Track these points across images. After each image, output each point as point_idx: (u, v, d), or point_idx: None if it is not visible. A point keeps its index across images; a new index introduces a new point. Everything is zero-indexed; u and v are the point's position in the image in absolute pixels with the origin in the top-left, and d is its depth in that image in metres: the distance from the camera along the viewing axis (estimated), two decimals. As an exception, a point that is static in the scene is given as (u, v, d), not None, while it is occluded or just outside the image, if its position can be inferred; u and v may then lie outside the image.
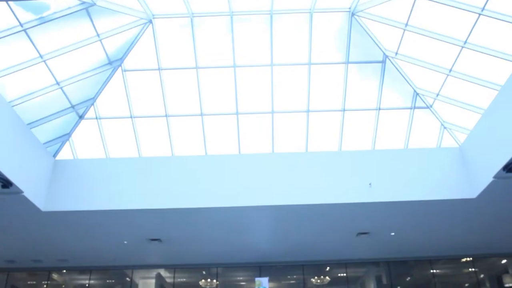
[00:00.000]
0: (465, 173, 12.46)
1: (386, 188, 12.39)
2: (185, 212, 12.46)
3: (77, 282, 18.61)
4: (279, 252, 15.86)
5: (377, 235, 14.54)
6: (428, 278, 17.80)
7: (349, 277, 17.34)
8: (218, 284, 17.41)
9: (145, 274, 18.14)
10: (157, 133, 13.96)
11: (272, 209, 12.46)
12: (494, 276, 18.18)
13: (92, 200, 12.33)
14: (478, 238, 15.25)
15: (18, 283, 18.37)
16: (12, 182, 10.53)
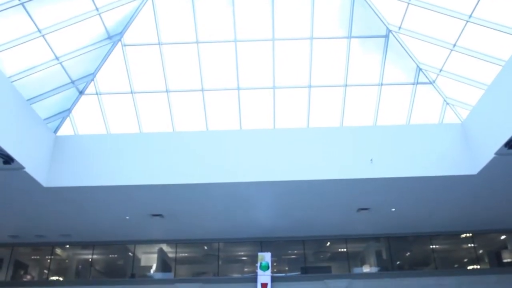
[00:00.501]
0: (466, 150, 12.44)
1: (387, 164, 12.39)
2: (186, 187, 12.50)
3: (80, 257, 18.84)
4: (280, 228, 15.99)
5: (378, 211, 14.62)
6: (427, 253, 17.97)
7: (350, 252, 17.51)
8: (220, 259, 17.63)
9: (147, 249, 18.34)
10: (158, 109, 13.89)
11: (273, 184, 12.49)
12: (493, 251, 18.35)
13: (93, 176, 12.37)
14: (478, 214, 15.33)
15: (22, 258, 18.59)
16: (13, 158, 10.54)
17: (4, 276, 17.42)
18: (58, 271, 18.78)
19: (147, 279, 17.51)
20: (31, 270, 18.94)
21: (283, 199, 13.53)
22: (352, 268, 17.26)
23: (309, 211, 14.47)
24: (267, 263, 16.11)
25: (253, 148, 12.67)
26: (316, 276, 16.57)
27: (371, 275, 17.08)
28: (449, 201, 14.02)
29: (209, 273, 17.65)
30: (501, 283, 16.10)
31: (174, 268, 17.34)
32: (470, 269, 17.74)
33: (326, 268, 18.23)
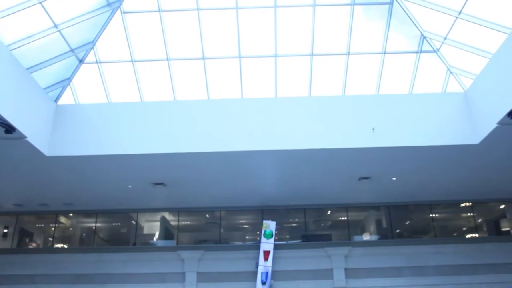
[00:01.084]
0: (469, 119, 12.39)
1: (389, 134, 12.37)
2: (188, 156, 12.53)
3: (84, 225, 19.11)
4: (281, 196, 16.12)
5: (379, 180, 14.70)
6: (427, 222, 18.17)
7: (350, 220, 17.71)
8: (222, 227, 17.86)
9: (150, 217, 18.57)
10: (159, 78, 13.77)
11: (275, 153, 12.51)
12: (492, 220, 18.55)
13: (95, 145, 12.39)
14: (478, 183, 15.41)
15: (27, 226, 18.86)
16: (15, 127, 10.53)
17: (10, 243, 17.71)
18: (63, 239, 19.08)
19: (150, 247, 17.81)
20: (36, 238, 19.25)
21: (284, 168, 13.58)
22: (352, 236, 17.50)
23: (310, 179, 14.55)
24: (271, 231, 16.32)
25: (255, 117, 12.63)
26: (316, 244, 16.82)
27: (371, 243, 17.34)
28: (449, 171, 14.07)
29: (211, 241, 17.93)
30: (499, 251, 16.34)
31: (177, 236, 17.59)
32: (469, 238, 17.99)
33: (327, 236, 18.51)
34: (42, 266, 16.55)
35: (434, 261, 16.27)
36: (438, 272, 16.09)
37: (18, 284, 16.21)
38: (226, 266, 16.32)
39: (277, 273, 16.05)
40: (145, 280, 16.22)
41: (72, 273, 16.40)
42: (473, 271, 16.01)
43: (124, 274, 16.33)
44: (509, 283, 13.45)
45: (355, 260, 16.31)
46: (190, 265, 16.32)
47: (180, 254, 16.38)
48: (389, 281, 15.99)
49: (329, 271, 16.20)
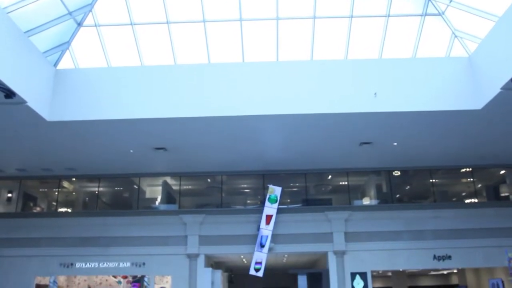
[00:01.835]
0: (472, 84, 12.26)
1: (391, 98, 12.29)
2: (189, 121, 12.51)
3: (87, 190, 19.29)
4: (282, 161, 16.18)
5: (380, 145, 14.71)
6: (427, 187, 18.30)
7: (350, 185, 17.84)
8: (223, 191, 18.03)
9: (152, 181, 18.73)
10: (159, 41, 13.57)
11: (276, 118, 12.48)
12: (491, 186, 18.68)
13: (96, 109, 12.36)
14: (479, 149, 15.41)
15: (30, 191, 19.06)
16: (14, 92, 10.46)
17: (14, 208, 17.95)
18: (66, 203, 19.32)
19: (153, 211, 18.04)
20: (40, 202, 19.50)
21: (286, 133, 13.57)
22: (352, 200, 17.68)
23: (311, 144, 14.58)
24: (275, 196, 16.51)
25: (256, 81, 12.52)
26: (317, 208, 17.02)
27: (371, 207, 17.53)
28: (451, 136, 14.05)
29: (212, 205, 18.14)
30: (498, 216, 16.53)
31: (179, 200, 17.79)
32: (468, 203, 18.15)
33: (327, 200, 18.71)
34: (47, 230, 16.85)
35: (433, 226, 16.50)
36: (436, 236, 16.34)
37: (24, 247, 16.54)
38: (227, 229, 16.59)
39: (278, 237, 16.33)
40: (148, 243, 16.53)
41: (77, 236, 16.71)
42: (471, 235, 16.26)
43: (127, 237, 16.64)
44: (506, 248, 13.63)
45: (355, 224, 16.54)
46: (192, 229, 16.59)
47: (182, 218, 16.62)
48: (388, 245, 16.27)
49: (329, 235, 16.46)
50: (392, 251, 16.27)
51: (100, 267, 16.66)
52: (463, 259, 16.41)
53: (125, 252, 16.53)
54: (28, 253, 16.51)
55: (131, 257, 16.55)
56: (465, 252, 16.27)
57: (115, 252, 16.52)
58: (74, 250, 16.56)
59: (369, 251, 16.23)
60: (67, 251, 16.57)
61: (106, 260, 16.58)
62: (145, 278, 16.99)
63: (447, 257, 16.30)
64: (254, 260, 16.08)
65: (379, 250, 16.24)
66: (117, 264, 16.61)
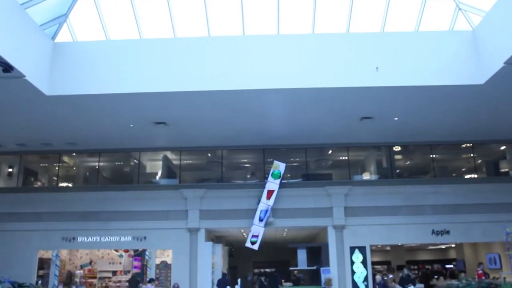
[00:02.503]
0: (475, 58, 12.13)
1: (393, 73, 12.18)
2: (189, 95, 12.43)
3: (87, 164, 19.33)
4: (283, 135, 16.15)
5: (380, 120, 14.65)
6: (427, 162, 18.33)
7: (351, 160, 17.85)
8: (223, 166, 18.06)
9: (152, 156, 18.75)
10: (158, 14, 13.34)
11: (277, 92, 12.39)
12: (491, 161, 18.70)
13: (95, 83, 12.25)
14: (480, 124, 15.37)
15: (31, 166, 19.10)
16: (12, 65, 10.34)
17: (15, 183, 18.01)
18: (67, 178, 19.39)
19: (153, 185, 18.11)
20: (40, 177, 19.57)
21: (286, 107, 13.49)
22: (352, 175, 17.73)
23: (312, 119, 14.51)
24: (279, 172, 16.55)
25: (257, 54, 12.38)
26: (317, 182, 17.09)
27: (371, 182, 17.59)
28: (452, 111, 13.98)
29: (213, 180, 18.20)
30: (497, 192, 16.60)
31: (179, 175, 17.85)
32: (468, 178, 18.23)
33: (327, 175, 18.76)
34: (49, 204, 16.95)
35: (432, 201, 16.59)
36: (435, 211, 16.45)
37: (27, 222, 16.68)
38: (228, 204, 16.68)
39: (278, 211, 16.43)
40: (149, 217, 16.65)
41: (78, 211, 16.83)
42: (470, 210, 16.36)
43: (128, 212, 16.76)
44: (504, 223, 13.72)
45: (354, 199, 16.63)
46: (193, 203, 16.69)
47: (183, 192, 16.69)
48: (387, 219, 16.39)
49: (329, 210, 16.56)
50: (391, 225, 16.41)
51: (102, 241, 16.84)
52: (461, 234, 16.57)
53: (126, 227, 16.67)
54: (30, 228, 16.66)
55: (132, 231, 16.70)
56: (464, 227, 16.41)
57: (117, 226, 16.66)
58: (76, 225, 16.70)
59: (368, 225, 16.37)
60: (69, 225, 16.70)
61: (108, 234, 16.74)
62: (146, 252, 17.20)
63: (446, 232, 16.45)
64: (251, 233, 16.24)
65: (378, 224, 16.37)
66: (119, 238, 16.78)
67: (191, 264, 16.24)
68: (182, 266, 16.29)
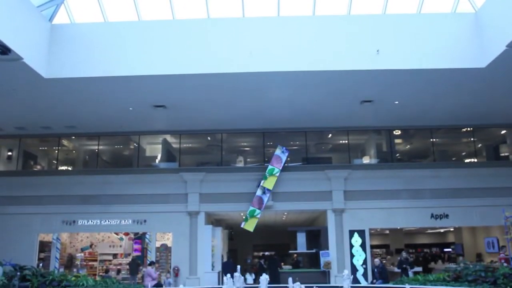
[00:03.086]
0: (477, 41, 12.03)
1: (394, 56, 12.09)
2: (188, 78, 12.35)
3: (87, 148, 19.30)
4: (283, 119, 16.09)
5: (381, 104, 14.59)
6: (427, 146, 18.32)
7: (351, 144, 17.83)
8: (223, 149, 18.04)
9: (152, 139, 18.72)
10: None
11: (277, 75, 12.31)
12: (491, 146, 18.68)
13: (93, 66, 12.16)
14: (481, 108, 15.30)
15: (30, 149, 19.08)
16: (10, 48, 10.25)
17: (15, 166, 18.01)
18: (66, 161, 19.40)
19: (153, 169, 18.12)
20: (40, 161, 19.56)
21: (287, 90, 13.40)
22: (352, 159, 17.73)
23: (312, 102, 14.44)
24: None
25: (256, 37, 12.26)
26: (317, 166, 17.10)
27: (370, 166, 17.60)
28: (453, 95, 13.91)
29: (212, 163, 18.19)
30: (496, 176, 16.61)
31: (179, 158, 17.84)
32: (467, 162, 18.24)
33: (327, 159, 18.76)
34: (49, 188, 16.97)
35: (432, 185, 16.61)
36: (434, 195, 16.49)
37: (27, 205, 16.72)
38: (227, 187, 16.70)
39: (278, 195, 16.46)
40: (149, 201, 16.69)
41: (78, 194, 16.85)
42: (469, 194, 16.39)
43: (128, 195, 16.80)
44: (503, 207, 13.72)
45: (354, 182, 16.65)
46: (192, 187, 16.71)
47: (183, 175, 16.70)
48: (387, 203, 16.43)
49: (328, 193, 16.60)
50: (390, 209, 16.46)
51: (102, 224, 16.92)
52: (460, 218, 16.64)
53: (126, 210, 16.72)
54: (30, 211, 16.70)
55: (133, 215, 16.76)
56: (463, 211, 16.47)
57: (117, 210, 16.71)
58: (76, 208, 16.74)
59: (367, 209, 16.42)
60: (69, 208, 16.75)
61: (108, 218, 16.80)
62: (147, 235, 17.28)
63: (445, 216, 16.51)
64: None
65: (378, 208, 16.41)
66: (119, 221, 16.85)
67: (191, 247, 16.33)
68: (182, 249, 16.39)
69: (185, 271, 16.09)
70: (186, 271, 16.09)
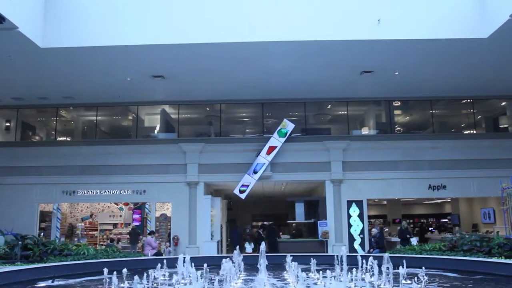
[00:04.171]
0: (479, 11, 11.82)
1: (395, 26, 11.91)
2: (187, 48, 12.20)
3: (85, 119, 19.25)
4: (282, 89, 15.99)
5: (381, 74, 14.48)
6: (427, 117, 18.28)
7: (350, 115, 17.79)
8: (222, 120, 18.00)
9: (151, 110, 18.66)
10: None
11: (277, 45, 12.16)
12: (491, 117, 18.65)
13: (90, 35, 11.97)
14: (481, 79, 15.20)
15: (28, 120, 19.01)
16: (4, 16, 10.05)
17: (13, 137, 17.99)
18: (65, 132, 19.38)
19: (152, 139, 18.12)
20: (38, 131, 19.53)
21: (287, 60, 13.27)
22: (351, 130, 17.72)
23: (312, 72, 14.32)
24: (286, 131, 16.50)
25: (257, 6, 12.02)
26: (316, 137, 17.11)
27: (369, 137, 17.62)
28: (454, 65, 13.80)
29: (211, 134, 18.17)
30: (495, 147, 16.66)
31: (177, 129, 17.82)
32: (466, 134, 18.25)
33: (326, 129, 18.75)
34: (48, 159, 17.01)
35: (430, 156, 16.67)
36: (433, 166, 16.57)
37: (26, 176, 16.78)
38: (226, 158, 16.74)
39: (277, 165, 16.53)
40: (149, 171, 16.76)
41: (78, 165, 16.92)
42: (467, 166, 16.48)
43: (128, 166, 16.86)
44: (500, 178, 13.77)
45: (353, 153, 16.71)
46: (192, 157, 16.76)
47: (182, 146, 16.72)
48: (385, 174, 16.53)
49: (327, 164, 16.67)
50: (388, 180, 16.57)
51: (102, 194, 17.05)
52: (458, 189, 16.78)
53: (126, 180, 16.82)
54: (30, 181, 16.79)
55: (132, 185, 16.87)
56: (460, 182, 16.59)
57: (116, 180, 16.81)
58: (76, 178, 16.83)
59: (366, 180, 16.53)
60: (69, 179, 16.84)
61: (108, 188, 16.91)
62: (146, 205, 17.43)
63: (442, 187, 16.64)
64: (242, 182, 16.35)
65: (376, 179, 16.52)
66: (119, 191, 16.98)
67: (191, 217, 16.50)
68: (181, 219, 16.57)
69: (185, 241, 16.32)
70: (185, 241, 16.32)
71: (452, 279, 8.79)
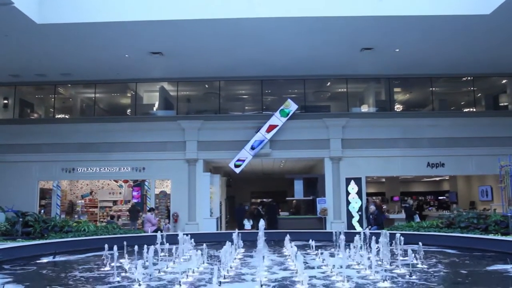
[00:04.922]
0: (482, -14, 11.65)
1: (396, 2, 11.76)
2: (186, 24, 12.05)
3: (83, 96, 19.14)
4: (281, 66, 15.88)
5: (381, 51, 14.36)
6: (426, 95, 18.21)
7: (349, 92, 17.71)
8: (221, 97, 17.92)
9: (149, 87, 18.55)
10: None
11: (276, 21, 12.02)
12: (491, 95, 18.57)
13: (87, 11, 11.81)
14: (482, 56, 15.07)
15: (26, 97, 18.91)
16: (-1, -9, 9.91)
17: (12, 114, 17.93)
18: (63, 109, 19.29)
19: (151, 117, 18.07)
20: (37, 109, 19.46)
21: (287, 36, 13.13)
22: (350, 108, 17.67)
23: (312, 49, 14.17)
24: (289, 112, 16.42)
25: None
26: (315, 114, 17.07)
27: (369, 114, 17.59)
28: (455, 42, 13.67)
29: (210, 111, 18.13)
30: (494, 125, 16.65)
31: (176, 106, 17.75)
32: (466, 112, 18.21)
33: (325, 107, 18.69)
34: (47, 136, 16.99)
35: (429, 134, 16.67)
36: (432, 144, 16.58)
37: (26, 153, 16.80)
38: (225, 135, 16.73)
39: (276, 143, 16.53)
40: (148, 148, 16.77)
41: (77, 142, 16.91)
42: (466, 144, 16.49)
43: (127, 143, 16.86)
44: (499, 156, 13.78)
45: (352, 131, 16.69)
46: (190, 134, 16.75)
47: (180, 123, 16.68)
48: (384, 152, 16.55)
49: (326, 141, 16.67)
50: (387, 158, 16.61)
51: (101, 172, 17.09)
52: (456, 166, 16.84)
53: (125, 158, 16.84)
54: (30, 159, 16.82)
55: (131, 162, 16.89)
56: (459, 160, 16.64)
57: (115, 157, 16.83)
58: (75, 156, 16.84)
59: (364, 157, 16.56)
60: (68, 156, 16.85)
61: (107, 166, 16.94)
62: (146, 182, 17.50)
63: (441, 164, 16.69)
64: (238, 157, 16.37)
65: (375, 157, 16.55)
66: (118, 169, 17.01)
67: (190, 194, 16.59)
68: (181, 196, 16.66)
69: (184, 217, 16.44)
70: (185, 217, 16.44)
71: (450, 255, 8.92)
